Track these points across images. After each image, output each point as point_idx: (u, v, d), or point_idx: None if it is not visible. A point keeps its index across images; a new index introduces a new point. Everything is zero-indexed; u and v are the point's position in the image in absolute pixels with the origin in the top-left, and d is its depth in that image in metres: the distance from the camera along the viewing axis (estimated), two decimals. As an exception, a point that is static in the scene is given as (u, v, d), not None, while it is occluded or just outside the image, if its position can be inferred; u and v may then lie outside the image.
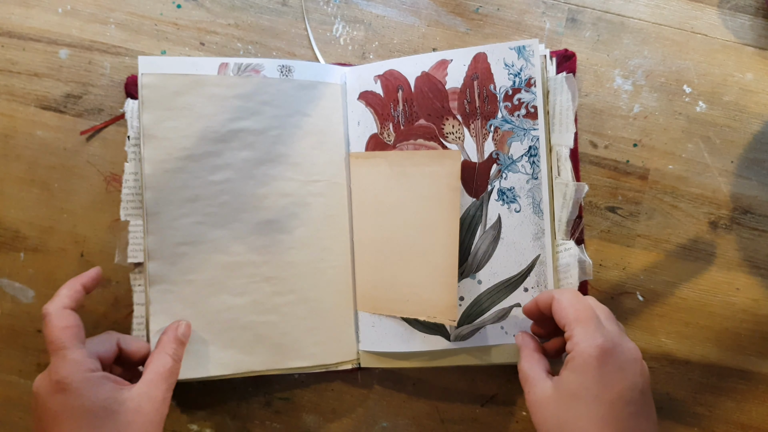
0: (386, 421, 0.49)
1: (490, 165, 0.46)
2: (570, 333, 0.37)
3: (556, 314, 0.38)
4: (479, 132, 0.46)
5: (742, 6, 0.49)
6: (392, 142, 0.47)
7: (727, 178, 0.48)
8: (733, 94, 0.48)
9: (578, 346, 0.36)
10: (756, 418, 0.48)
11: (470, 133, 0.46)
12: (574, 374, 0.36)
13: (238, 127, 0.46)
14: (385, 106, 0.47)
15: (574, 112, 0.46)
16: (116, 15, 0.49)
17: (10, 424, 0.49)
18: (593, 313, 0.37)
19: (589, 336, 0.36)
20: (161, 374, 0.40)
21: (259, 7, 0.49)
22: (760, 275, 0.48)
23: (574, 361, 0.36)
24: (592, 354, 0.35)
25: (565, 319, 0.37)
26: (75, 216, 0.49)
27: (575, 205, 0.46)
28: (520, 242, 0.45)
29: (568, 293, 0.39)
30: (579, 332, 0.36)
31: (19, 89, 0.49)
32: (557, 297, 0.39)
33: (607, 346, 0.35)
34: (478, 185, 0.46)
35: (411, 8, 0.49)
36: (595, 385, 0.35)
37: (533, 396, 0.38)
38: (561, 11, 0.49)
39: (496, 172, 0.46)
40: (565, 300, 0.38)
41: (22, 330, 0.49)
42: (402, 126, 0.47)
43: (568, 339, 0.37)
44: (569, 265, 0.46)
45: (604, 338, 0.36)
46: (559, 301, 0.38)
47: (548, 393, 0.37)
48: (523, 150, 0.45)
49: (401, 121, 0.47)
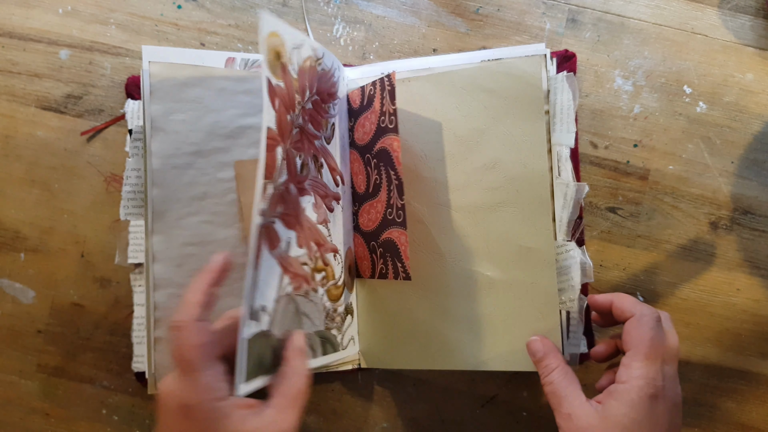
0: (386, 422, 0.49)
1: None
2: (632, 362, 0.36)
3: (631, 335, 0.37)
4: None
5: (742, 6, 0.48)
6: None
7: (727, 179, 0.48)
8: (734, 94, 0.48)
9: (637, 382, 0.36)
10: (756, 418, 0.48)
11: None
12: (626, 408, 0.35)
13: (247, 123, 0.45)
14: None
15: (574, 112, 0.46)
16: (117, 15, 0.49)
17: (10, 424, 0.49)
18: (663, 351, 0.37)
19: (651, 377, 0.36)
20: (292, 397, 0.35)
21: (259, 7, 0.49)
22: (761, 276, 0.48)
23: (628, 394, 0.35)
24: (648, 393, 0.35)
25: (637, 347, 0.37)
26: (75, 216, 0.49)
27: (576, 205, 0.46)
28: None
29: (651, 318, 0.38)
30: (643, 368, 0.36)
31: (20, 90, 0.49)
32: (640, 317, 0.38)
33: (664, 391, 0.36)
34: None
35: (411, 9, 0.49)
36: (646, 422, 0.35)
37: (577, 421, 0.36)
38: (561, 12, 0.49)
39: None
40: (647, 326, 0.37)
41: (23, 330, 0.49)
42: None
43: (627, 367, 0.36)
44: (570, 268, 0.46)
45: (663, 382, 0.36)
46: (640, 323, 0.37)
47: (594, 421, 0.36)
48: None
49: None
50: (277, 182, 0.38)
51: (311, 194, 0.41)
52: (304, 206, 0.40)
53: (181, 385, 0.33)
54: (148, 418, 0.49)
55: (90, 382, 0.49)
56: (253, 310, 0.36)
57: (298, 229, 0.40)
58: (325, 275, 0.43)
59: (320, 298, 0.43)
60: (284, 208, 0.38)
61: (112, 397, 0.49)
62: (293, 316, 0.40)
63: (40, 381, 0.49)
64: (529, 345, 0.41)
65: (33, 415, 0.49)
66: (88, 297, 0.49)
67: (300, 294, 0.41)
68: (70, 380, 0.49)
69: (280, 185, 0.38)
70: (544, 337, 0.42)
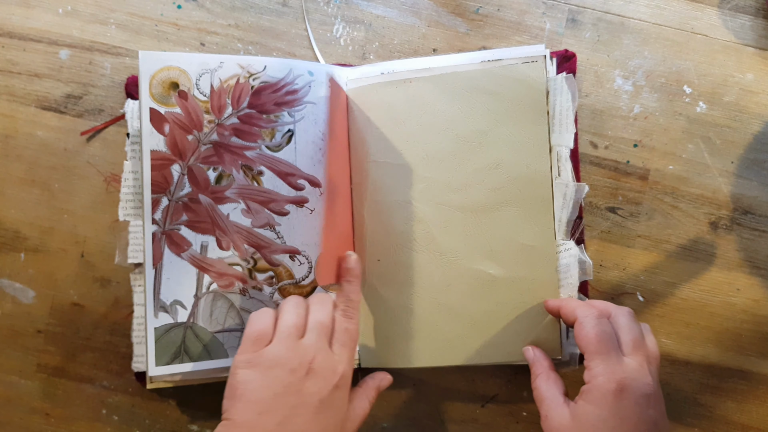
0: (386, 422, 0.49)
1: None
2: (589, 363, 0.38)
3: (578, 338, 0.39)
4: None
5: (742, 6, 0.48)
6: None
7: (727, 179, 0.48)
8: (734, 94, 0.48)
9: (597, 380, 0.37)
10: (756, 418, 0.48)
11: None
12: (592, 406, 0.37)
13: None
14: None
15: (574, 113, 0.46)
16: (117, 15, 0.49)
17: (10, 424, 0.49)
18: (614, 344, 0.38)
19: (609, 370, 0.37)
20: (359, 417, 0.41)
21: (259, 7, 0.49)
22: (761, 276, 0.48)
23: (591, 393, 0.37)
24: (610, 389, 0.36)
25: (586, 348, 0.38)
26: (75, 216, 0.49)
27: (575, 205, 0.46)
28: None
29: (591, 317, 0.39)
30: (599, 365, 0.37)
31: (20, 90, 0.49)
32: (581, 319, 0.39)
33: (626, 382, 0.36)
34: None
35: (411, 9, 0.49)
36: (612, 418, 0.36)
37: (550, 422, 0.38)
38: (561, 12, 0.49)
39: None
40: (588, 326, 0.38)
41: (22, 330, 0.49)
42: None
43: (587, 368, 0.38)
44: (569, 266, 0.46)
45: (623, 374, 0.37)
46: (582, 325, 0.39)
47: (566, 421, 0.37)
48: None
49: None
50: (176, 195, 0.44)
51: (239, 201, 0.45)
52: (228, 213, 0.45)
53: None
54: (148, 418, 0.49)
55: (90, 382, 0.49)
56: (162, 303, 0.44)
57: (219, 234, 0.45)
58: (274, 275, 0.45)
59: (268, 297, 0.45)
60: (192, 216, 0.44)
61: (112, 397, 0.49)
62: (228, 311, 0.45)
63: (40, 381, 0.49)
64: (524, 352, 0.44)
65: (33, 415, 0.49)
66: (88, 297, 0.49)
67: (233, 292, 0.45)
68: (70, 380, 0.49)
69: (182, 197, 0.44)
70: (535, 347, 0.44)
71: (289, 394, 0.37)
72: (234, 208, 0.45)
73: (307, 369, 0.38)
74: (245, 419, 0.36)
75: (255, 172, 0.45)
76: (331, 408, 0.38)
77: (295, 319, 0.40)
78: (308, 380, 0.38)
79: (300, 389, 0.38)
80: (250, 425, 0.36)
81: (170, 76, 0.44)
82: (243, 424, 0.36)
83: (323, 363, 0.39)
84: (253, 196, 0.45)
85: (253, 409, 0.37)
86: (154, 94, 0.44)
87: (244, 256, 0.45)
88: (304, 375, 0.38)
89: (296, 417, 0.37)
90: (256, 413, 0.36)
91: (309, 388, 0.38)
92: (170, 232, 0.44)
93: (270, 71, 0.46)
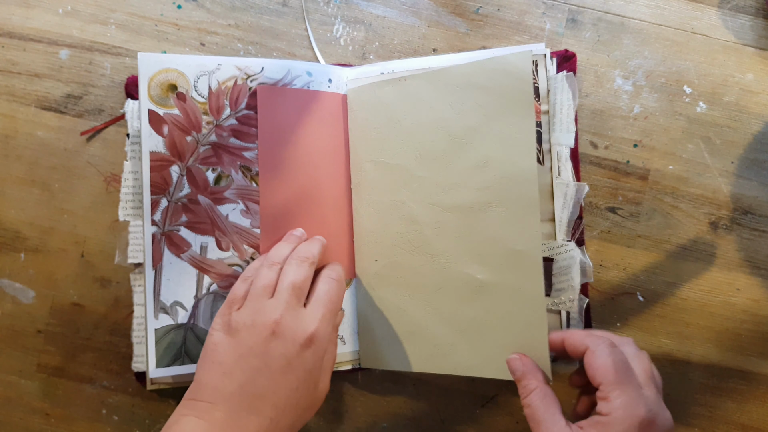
0: (386, 422, 0.49)
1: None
2: (608, 394, 0.35)
3: (592, 367, 0.36)
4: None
5: (742, 6, 0.48)
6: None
7: (727, 179, 0.48)
8: (734, 94, 0.48)
9: (618, 413, 0.34)
10: (756, 418, 0.48)
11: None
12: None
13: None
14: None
15: (574, 112, 0.46)
16: (117, 15, 0.49)
17: (10, 424, 0.49)
18: (633, 374, 0.36)
19: (632, 405, 0.35)
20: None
21: (259, 7, 0.49)
22: (761, 276, 0.48)
23: (611, 426, 0.34)
24: (634, 425, 0.34)
25: (604, 377, 0.36)
26: (75, 216, 0.49)
27: (576, 205, 0.46)
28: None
29: (604, 346, 0.37)
30: (619, 396, 0.35)
31: (20, 90, 0.49)
32: (593, 348, 0.37)
33: (649, 417, 0.35)
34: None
35: (411, 9, 0.49)
36: None
37: None
38: (561, 12, 0.49)
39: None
40: (604, 355, 0.36)
41: (22, 330, 0.49)
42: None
43: (604, 399, 0.35)
44: (570, 267, 0.46)
45: (646, 409, 0.35)
46: (596, 354, 0.36)
47: None
48: None
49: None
50: (175, 196, 0.44)
51: (238, 202, 0.45)
52: (227, 213, 0.45)
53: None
54: (148, 418, 0.49)
55: (90, 382, 0.49)
56: (162, 305, 0.44)
57: (218, 234, 0.45)
58: None
59: None
60: (191, 216, 0.45)
61: (112, 397, 0.49)
62: None
63: (40, 381, 0.49)
64: (509, 363, 0.40)
65: (33, 415, 0.49)
66: (88, 297, 0.49)
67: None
68: (70, 380, 0.49)
69: (181, 198, 0.45)
70: (524, 355, 0.40)
71: (252, 356, 0.37)
72: (233, 208, 0.45)
73: (271, 330, 0.37)
74: (208, 380, 0.36)
75: (254, 173, 0.46)
76: (301, 368, 0.37)
77: (265, 281, 0.39)
78: (273, 340, 0.37)
79: (265, 350, 0.37)
80: (213, 386, 0.36)
81: (168, 78, 0.45)
82: (206, 384, 0.36)
83: (290, 323, 0.38)
84: (252, 197, 0.45)
85: (217, 371, 0.37)
86: (153, 96, 0.45)
87: (243, 256, 0.45)
88: (269, 335, 0.37)
89: (260, 378, 0.36)
90: (220, 374, 0.36)
91: (274, 349, 0.37)
92: (170, 234, 0.45)
93: (268, 72, 0.46)
